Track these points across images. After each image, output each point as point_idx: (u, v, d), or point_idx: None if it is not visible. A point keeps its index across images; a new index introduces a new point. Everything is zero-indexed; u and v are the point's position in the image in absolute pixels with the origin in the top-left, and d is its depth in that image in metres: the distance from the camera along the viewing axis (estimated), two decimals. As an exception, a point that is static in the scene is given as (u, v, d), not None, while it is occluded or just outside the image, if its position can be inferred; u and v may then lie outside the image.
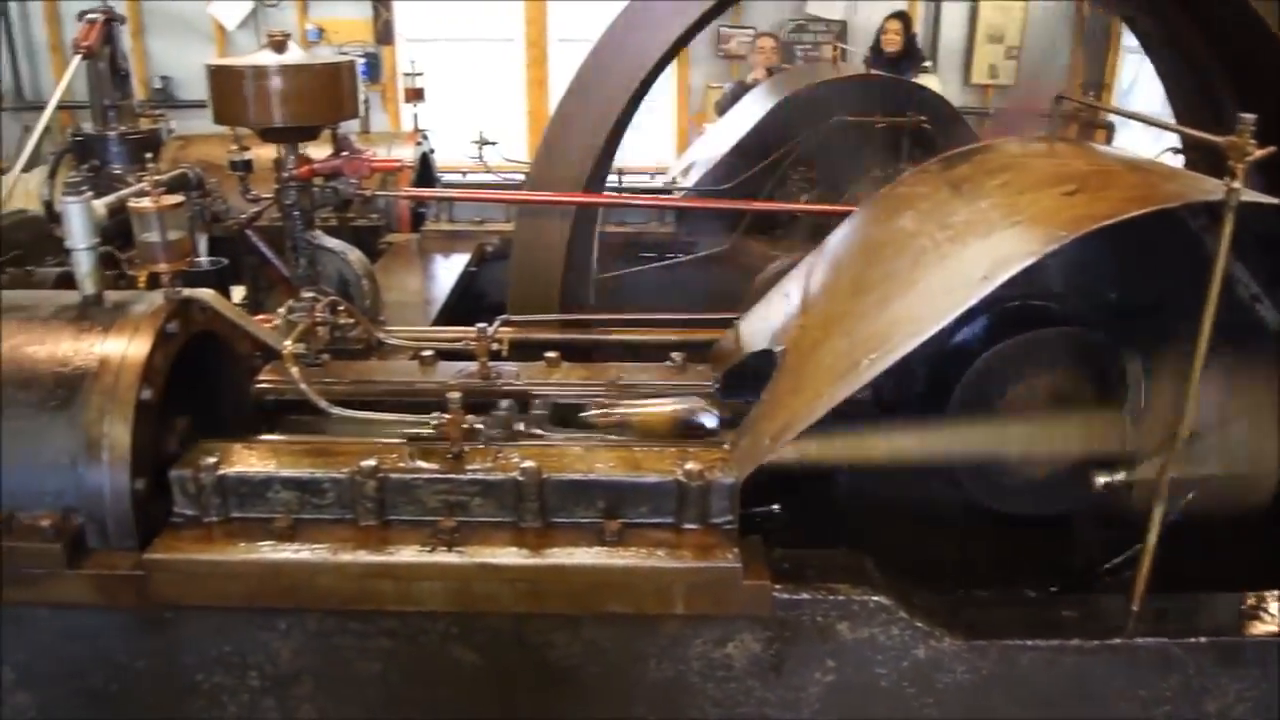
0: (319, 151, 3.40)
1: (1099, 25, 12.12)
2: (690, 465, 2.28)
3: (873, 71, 6.77)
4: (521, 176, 6.04)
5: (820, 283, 2.63)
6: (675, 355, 2.91)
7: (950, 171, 2.67)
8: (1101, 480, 2.34)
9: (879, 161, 5.36)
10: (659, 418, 2.58)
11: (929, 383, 2.63)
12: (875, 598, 2.24)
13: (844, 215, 2.98)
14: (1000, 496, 2.58)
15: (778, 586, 2.23)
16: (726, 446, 2.42)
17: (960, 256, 2.28)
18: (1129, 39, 11.23)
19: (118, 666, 2.38)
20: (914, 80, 7.88)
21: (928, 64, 10.92)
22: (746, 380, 2.74)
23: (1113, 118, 7.45)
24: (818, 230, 3.59)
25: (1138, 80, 12.32)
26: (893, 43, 10.16)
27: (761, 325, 2.76)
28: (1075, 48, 12.69)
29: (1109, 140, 7.90)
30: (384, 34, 12.64)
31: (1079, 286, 2.65)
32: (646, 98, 3.81)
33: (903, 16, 10.61)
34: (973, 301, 2.14)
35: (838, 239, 2.77)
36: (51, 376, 2.33)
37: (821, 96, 5.85)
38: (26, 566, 2.23)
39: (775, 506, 2.53)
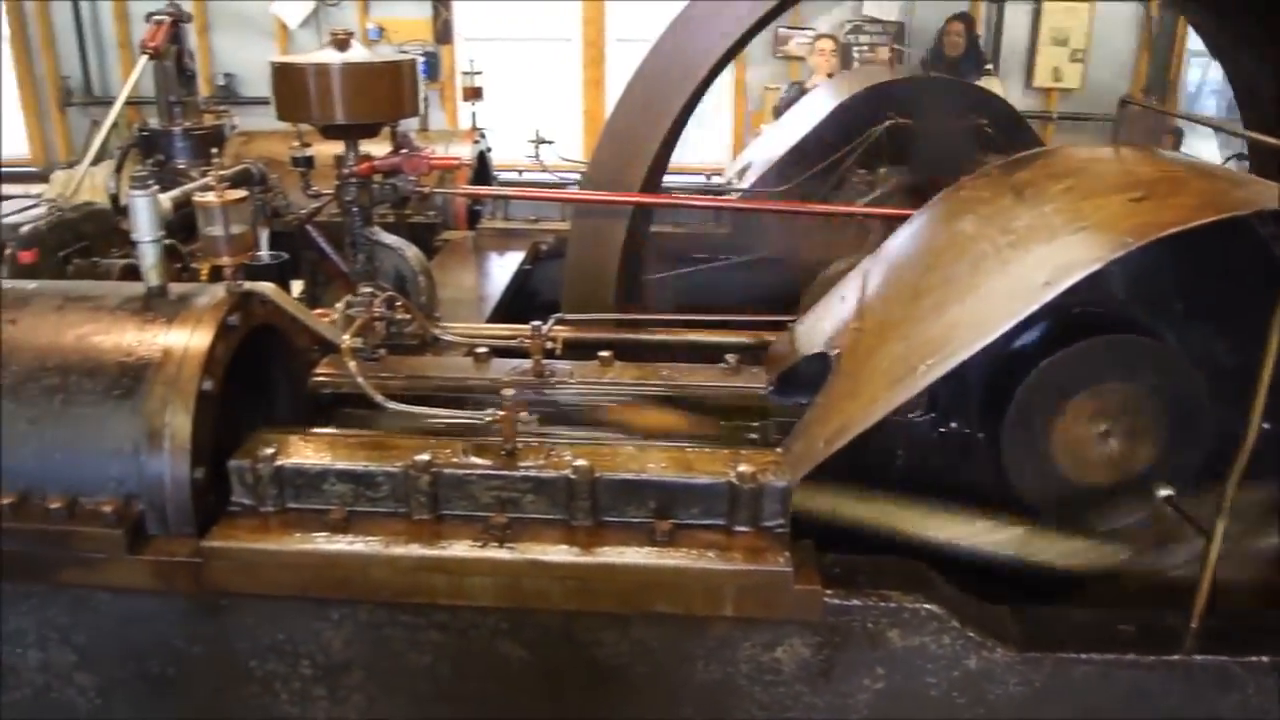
0: (378, 149, 3.44)
1: (1166, 28, 11.88)
2: (743, 467, 2.27)
3: (932, 74, 6.68)
4: (577, 176, 6.07)
5: (877, 286, 2.60)
6: (730, 357, 2.90)
7: (1012, 176, 2.63)
8: (1163, 492, 2.30)
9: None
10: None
11: (986, 390, 2.60)
12: (927, 606, 2.22)
13: (902, 218, 2.95)
14: (1059, 508, 2.53)
15: (828, 592, 2.22)
16: (780, 450, 2.41)
17: (1022, 262, 2.24)
18: (1196, 42, 11.02)
19: (174, 651, 2.43)
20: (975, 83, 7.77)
21: (989, 66, 10.78)
22: (801, 383, 2.73)
23: (1179, 123, 7.31)
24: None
25: (1204, 85, 12.09)
26: (955, 45, 10.05)
27: (817, 328, 2.74)
28: (1141, 51, 12.45)
29: (1176, 146, 7.76)
30: (443, 33, 12.76)
31: (1144, 294, 2.60)
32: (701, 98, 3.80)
33: (965, 18, 10.49)
34: (1033, 308, 2.11)
35: (896, 243, 2.74)
36: (116, 366, 2.38)
37: (881, 98, 5.79)
38: (88, 551, 2.29)
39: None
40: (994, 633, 2.25)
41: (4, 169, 13.49)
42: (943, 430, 2.68)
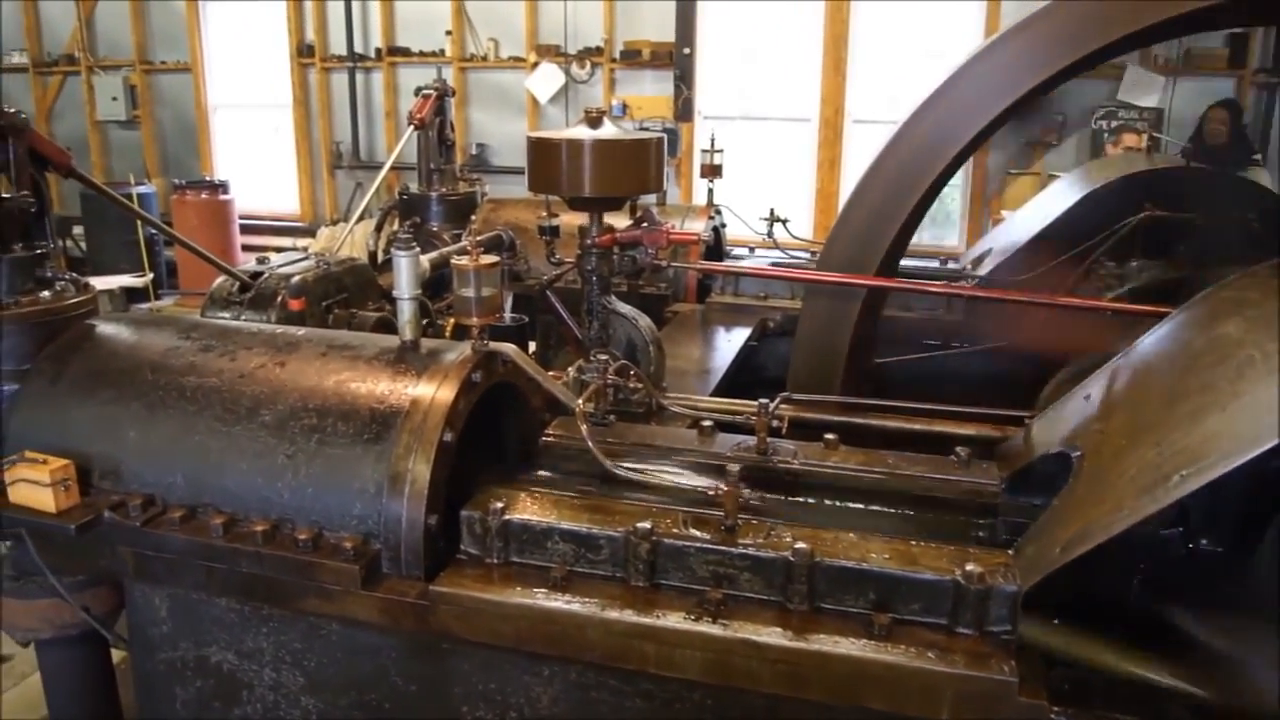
0: (618, 220, 3.55)
1: None
2: (970, 567, 2.18)
3: (1192, 164, 6.30)
4: (808, 255, 6.07)
5: (1127, 387, 2.46)
6: (960, 449, 2.80)
7: (1286, 277, 2.44)
8: None
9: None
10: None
11: (1244, 509, 2.40)
12: (1165, 736, 2.05)
13: (1156, 316, 2.79)
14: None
15: (1055, 709, 2.08)
16: (1011, 551, 2.30)
17: (1294, 372, 2.07)
18: None
19: (392, 687, 2.54)
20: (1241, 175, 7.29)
21: (1257, 157, 10.07)
22: (1035, 483, 2.60)
23: None
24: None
25: None
26: (1218, 134, 9.47)
27: (1057, 427, 2.61)
28: None
29: None
30: (683, 111, 13.12)
31: None
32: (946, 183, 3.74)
33: (1230, 105, 9.88)
34: None
35: (1150, 342, 2.58)
36: (369, 412, 2.55)
37: (1136, 188, 5.51)
38: (327, 582, 2.43)
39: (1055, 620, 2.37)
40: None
41: (278, 223, 14.88)
42: (1191, 546, 2.48)
